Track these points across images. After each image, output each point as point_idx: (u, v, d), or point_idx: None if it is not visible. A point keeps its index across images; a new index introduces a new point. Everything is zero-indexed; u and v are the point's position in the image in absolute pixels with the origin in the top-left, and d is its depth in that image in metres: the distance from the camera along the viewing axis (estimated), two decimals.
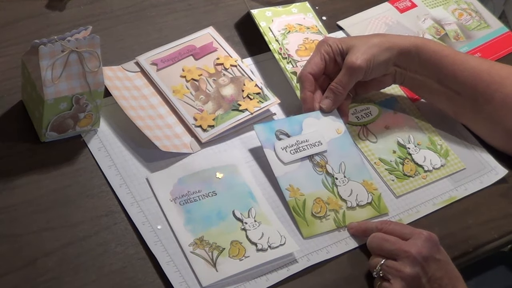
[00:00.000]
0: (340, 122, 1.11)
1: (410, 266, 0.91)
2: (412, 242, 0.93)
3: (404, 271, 0.91)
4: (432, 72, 1.10)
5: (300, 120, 1.09)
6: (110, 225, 0.95)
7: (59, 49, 0.94)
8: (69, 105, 0.98)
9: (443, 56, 1.10)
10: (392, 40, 1.10)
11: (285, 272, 0.95)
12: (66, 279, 0.89)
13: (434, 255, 0.93)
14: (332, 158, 1.07)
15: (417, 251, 0.92)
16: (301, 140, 1.07)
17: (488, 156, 1.14)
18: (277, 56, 1.18)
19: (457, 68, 1.09)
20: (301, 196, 1.02)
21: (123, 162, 1.02)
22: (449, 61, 1.10)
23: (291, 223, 1.00)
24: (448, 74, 1.10)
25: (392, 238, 0.95)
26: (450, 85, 1.10)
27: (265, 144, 1.05)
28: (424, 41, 1.12)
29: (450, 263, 0.95)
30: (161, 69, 1.12)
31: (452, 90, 1.10)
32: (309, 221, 1.00)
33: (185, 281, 0.91)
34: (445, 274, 0.93)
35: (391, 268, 0.92)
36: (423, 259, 0.91)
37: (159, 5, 1.25)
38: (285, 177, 1.03)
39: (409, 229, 0.96)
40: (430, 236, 0.94)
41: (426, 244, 0.93)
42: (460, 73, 1.09)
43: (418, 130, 1.15)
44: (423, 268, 0.91)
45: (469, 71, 1.09)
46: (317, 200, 1.02)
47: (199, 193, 1.00)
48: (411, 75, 1.11)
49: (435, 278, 0.92)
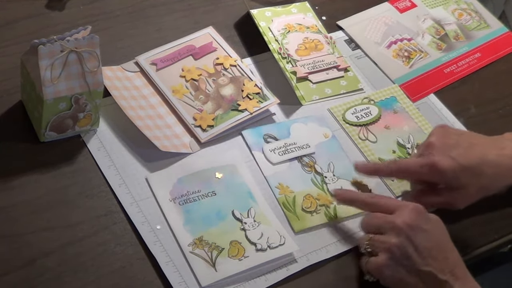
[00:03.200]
0: (326, 128, 1.12)
1: (395, 236, 0.90)
2: (397, 213, 0.92)
3: (389, 241, 0.90)
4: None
5: (287, 125, 1.11)
6: (109, 225, 0.95)
7: (58, 49, 0.94)
8: (68, 105, 0.98)
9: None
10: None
11: (285, 272, 0.95)
12: (66, 279, 0.89)
13: (421, 225, 0.91)
14: (320, 159, 1.08)
15: (402, 221, 0.91)
16: (289, 143, 1.08)
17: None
18: (276, 56, 1.18)
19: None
20: (291, 193, 1.03)
21: (123, 162, 1.02)
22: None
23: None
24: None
25: (379, 214, 0.94)
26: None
27: (253, 147, 1.07)
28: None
29: (443, 234, 0.93)
30: (160, 69, 1.12)
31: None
32: (300, 216, 1.01)
33: (184, 281, 0.91)
34: (435, 244, 0.91)
35: (377, 242, 0.92)
36: (409, 229, 0.90)
37: (158, 5, 1.25)
38: (274, 176, 1.04)
39: (396, 202, 0.96)
40: (416, 207, 0.93)
41: (412, 214, 0.92)
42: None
43: (418, 130, 1.15)
44: (408, 237, 0.90)
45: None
46: (307, 197, 1.03)
47: (199, 193, 1.00)
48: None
49: (423, 248, 0.90)
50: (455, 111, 1.20)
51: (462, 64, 1.28)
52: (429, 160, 1.00)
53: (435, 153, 1.00)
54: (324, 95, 1.17)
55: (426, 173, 1.00)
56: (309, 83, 1.17)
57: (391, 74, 1.24)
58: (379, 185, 1.07)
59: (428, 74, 1.25)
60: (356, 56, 1.25)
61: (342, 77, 1.20)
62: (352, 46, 1.27)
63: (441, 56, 1.28)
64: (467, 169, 0.99)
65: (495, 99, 1.24)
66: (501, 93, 1.25)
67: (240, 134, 1.09)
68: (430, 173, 1.00)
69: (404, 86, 1.22)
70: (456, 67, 1.27)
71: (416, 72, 1.25)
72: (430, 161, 0.99)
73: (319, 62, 1.19)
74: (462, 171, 0.99)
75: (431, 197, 1.02)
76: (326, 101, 1.17)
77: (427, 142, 1.03)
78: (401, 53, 1.27)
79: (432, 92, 1.23)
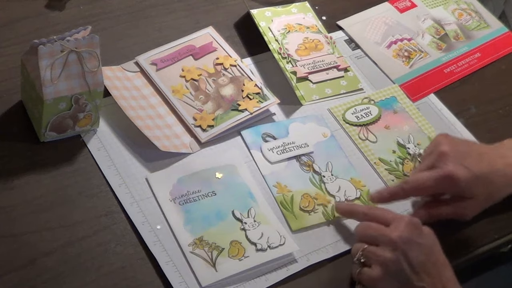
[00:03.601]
0: (325, 127, 1.11)
1: (390, 250, 0.90)
2: (393, 226, 0.92)
3: (384, 255, 0.90)
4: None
5: (286, 124, 1.11)
6: (109, 225, 0.95)
7: (59, 49, 0.94)
8: (68, 105, 0.98)
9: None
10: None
11: (285, 272, 0.95)
12: (66, 279, 0.89)
13: (416, 239, 0.91)
14: (318, 158, 1.08)
15: (398, 235, 0.90)
16: (288, 142, 1.08)
17: None
18: (276, 56, 1.18)
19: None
20: (289, 192, 1.03)
21: (123, 162, 1.02)
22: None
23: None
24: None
25: (374, 224, 0.94)
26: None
27: (251, 146, 1.07)
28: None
29: (435, 248, 0.92)
30: (160, 69, 1.12)
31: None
32: (297, 215, 1.01)
33: (185, 281, 0.91)
34: (428, 258, 0.90)
35: (371, 253, 0.92)
36: (404, 243, 0.90)
37: (158, 5, 1.25)
38: (272, 175, 1.05)
39: (392, 215, 0.95)
40: (412, 220, 0.92)
41: (407, 228, 0.91)
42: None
43: (418, 130, 1.15)
44: (403, 252, 0.89)
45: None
46: (305, 196, 1.03)
47: (199, 193, 1.00)
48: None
49: (417, 262, 0.89)
50: (455, 111, 1.20)
51: (462, 64, 1.28)
52: (444, 172, 0.98)
53: (449, 162, 0.98)
54: (324, 95, 1.17)
55: (443, 185, 0.99)
56: (309, 83, 1.17)
57: (391, 74, 1.24)
58: (379, 184, 1.07)
59: (428, 74, 1.25)
60: (356, 56, 1.25)
61: (342, 77, 1.20)
62: (352, 46, 1.27)
63: (441, 56, 1.28)
64: (479, 178, 0.99)
65: (495, 99, 1.24)
66: (501, 93, 1.25)
67: (240, 134, 1.09)
68: (446, 184, 0.99)
69: (404, 86, 1.22)
70: (456, 67, 1.27)
71: (416, 72, 1.25)
72: (446, 173, 0.98)
73: (319, 62, 1.19)
74: (474, 181, 0.98)
75: (441, 209, 1.01)
76: (326, 101, 1.17)
77: (439, 151, 1.00)
78: (401, 53, 1.27)
79: (432, 92, 1.23)
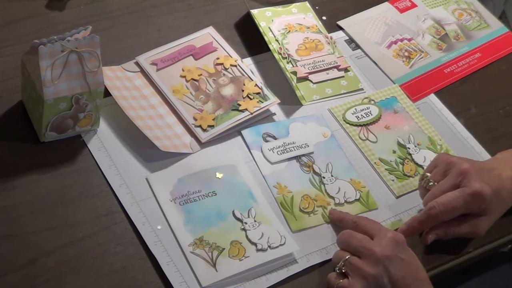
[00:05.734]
0: (325, 127, 1.11)
1: (372, 265, 0.90)
2: (376, 240, 0.92)
3: (365, 270, 0.90)
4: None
5: (286, 124, 1.11)
6: (110, 225, 0.95)
7: (59, 49, 0.94)
8: (68, 105, 0.98)
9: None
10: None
11: (285, 272, 0.95)
12: (66, 279, 0.89)
13: (398, 254, 0.91)
14: (319, 159, 1.08)
15: (381, 250, 0.90)
16: (288, 142, 1.08)
17: (488, 157, 1.14)
18: (277, 56, 1.18)
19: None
20: (289, 193, 1.03)
21: (123, 162, 1.02)
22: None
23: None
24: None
25: (359, 235, 0.94)
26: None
27: (252, 146, 1.07)
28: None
29: (417, 264, 0.93)
30: (161, 69, 1.12)
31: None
32: (297, 216, 1.01)
33: (185, 281, 0.91)
34: (408, 274, 0.91)
35: (353, 265, 0.91)
36: (386, 259, 0.90)
37: (158, 5, 1.25)
38: (272, 175, 1.05)
39: (378, 227, 0.95)
40: (395, 235, 0.92)
41: (390, 243, 0.91)
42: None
43: (418, 130, 1.15)
44: (385, 268, 0.90)
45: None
46: (305, 197, 1.03)
47: (199, 193, 1.00)
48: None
49: (397, 278, 0.89)
50: (455, 111, 1.20)
51: (462, 64, 1.28)
52: (473, 190, 0.97)
53: (474, 181, 0.98)
54: (324, 95, 1.17)
55: (472, 203, 0.98)
56: (310, 83, 1.17)
57: (391, 74, 1.24)
58: (379, 184, 1.07)
59: (428, 74, 1.25)
60: (356, 56, 1.25)
61: (343, 77, 1.20)
62: (352, 46, 1.27)
63: (441, 56, 1.28)
64: (496, 194, 0.99)
65: (495, 99, 1.24)
66: (501, 93, 1.25)
67: (240, 134, 1.09)
68: (474, 203, 0.98)
69: (404, 86, 1.22)
70: (456, 67, 1.27)
71: (416, 72, 1.25)
72: (474, 191, 0.97)
73: (319, 62, 1.19)
74: (493, 196, 0.98)
75: (457, 228, 1.00)
76: (327, 101, 1.17)
77: (461, 170, 0.99)
78: (401, 53, 1.27)
79: (432, 92, 1.23)
